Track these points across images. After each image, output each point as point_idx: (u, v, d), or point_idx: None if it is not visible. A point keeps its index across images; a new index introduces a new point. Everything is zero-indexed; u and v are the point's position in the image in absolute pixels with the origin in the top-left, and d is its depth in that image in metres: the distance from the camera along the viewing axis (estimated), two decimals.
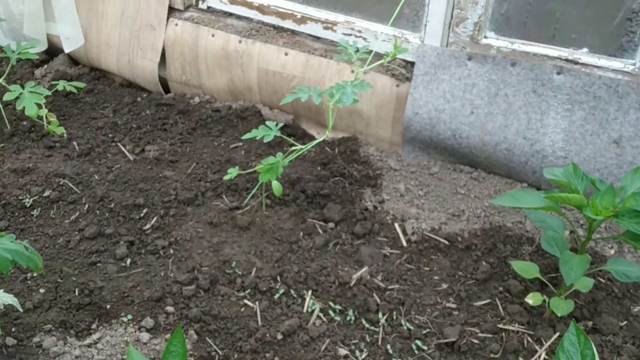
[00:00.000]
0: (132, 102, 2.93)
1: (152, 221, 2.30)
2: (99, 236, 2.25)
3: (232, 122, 2.78)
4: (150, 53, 2.88)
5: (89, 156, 2.61)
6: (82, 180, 2.47)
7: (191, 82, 2.88)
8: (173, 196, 2.40)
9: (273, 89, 2.70)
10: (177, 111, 2.85)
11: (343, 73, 2.55)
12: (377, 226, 2.29)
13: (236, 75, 2.75)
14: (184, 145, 2.68)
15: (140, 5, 2.84)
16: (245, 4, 2.69)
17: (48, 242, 2.23)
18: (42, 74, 3.08)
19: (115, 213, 2.33)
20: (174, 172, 2.53)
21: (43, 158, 2.59)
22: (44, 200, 2.37)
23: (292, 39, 2.66)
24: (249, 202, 2.38)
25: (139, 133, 2.73)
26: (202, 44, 2.76)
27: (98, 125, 2.77)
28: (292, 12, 2.61)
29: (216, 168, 2.54)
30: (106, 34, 2.96)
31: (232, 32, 2.71)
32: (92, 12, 2.96)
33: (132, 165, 2.55)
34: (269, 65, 2.65)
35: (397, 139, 2.58)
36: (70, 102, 2.92)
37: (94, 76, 3.11)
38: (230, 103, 2.85)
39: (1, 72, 3.04)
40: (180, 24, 2.80)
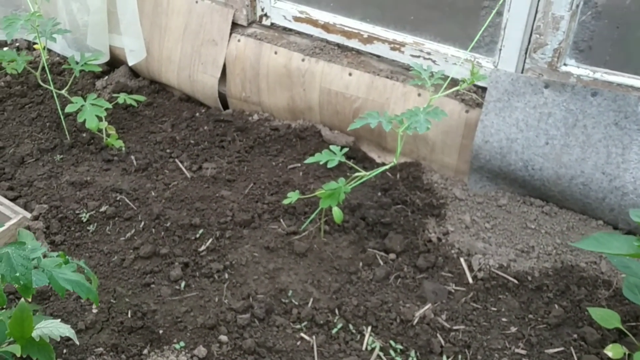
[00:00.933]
0: (191, 117, 2.89)
1: (207, 243, 2.24)
2: (154, 256, 2.20)
3: (290, 141, 2.71)
4: (211, 68, 2.83)
5: (147, 171, 2.58)
6: (139, 196, 2.43)
7: (251, 99, 2.83)
8: (229, 217, 2.33)
9: (334, 110, 2.62)
10: (235, 128, 2.79)
11: (409, 96, 2.44)
12: (441, 260, 2.17)
13: (297, 93, 2.68)
14: (242, 164, 2.61)
15: (203, 20, 2.80)
16: (310, 22, 2.62)
17: (103, 260, 2.19)
18: (102, 86, 3.08)
19: (170, 232, 2.28)
20: (230, 191, 2.47)
21: (101, 172, 2.57)
22: (100, 215, 2.34)
23: (357, 58, 2.57)
24: (306, 227, 2.29)
25: (196, 150, 2.68)
26: (264, 61, 2.70)
27: (156, 140, 2.74)
28: (358, 31, 2.53)
29: (274, 189, 2.47)
30: (168, 48, 2.93)
31: (295, 49, 2.64)
32: (155, 25, 2.94)
33: (189, 183, 2.50)
34: (332, 85, 2.57)
35: (463, 167, 2.46)
36: (130, 115, 2.90)
37: (154, 89, 3.09)
38: (290, 122, 2.78)
39: (64, 83, 3.05)
40: (242, 40, 2.75)
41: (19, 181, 2.50)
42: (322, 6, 2.60)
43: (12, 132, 2.76)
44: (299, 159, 2.63)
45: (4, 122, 2.82)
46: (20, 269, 1.15)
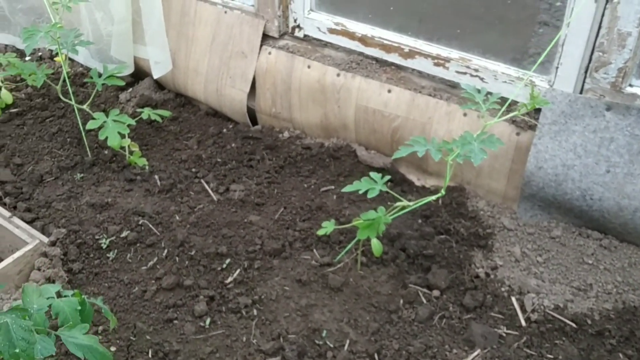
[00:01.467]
0: (218, 134, 2.73)
1: (234, 274, 2.07)
2: (177, 287, 2.04)
3: (323, 161, 2.53)
4: (240, 82, 2.67)
5: (171, 193, 2.42)
6: (162, 220, 2.28)
7: (281, 115, 2.66)
8: (258, 246, 2.16)
9: (371, 128, 2.44)
10: (265, 146, 2.63)
11: (453, 116, 2.25)
12: (490, 298, 1.98)
13: (331, 110, 2.51)
14: (271, 186, 2.45)
15: (232, 31, 2.64)
16: (347, 34, 2.44)
17: (123, 291, 2.04)
18: (126, 98, 2.94)
19: (195, 261, 2.12)
20: (259, 216, 2.30)
21: (123, 192, 2.42)
22: (121, 241, 2.19)
23: (397, 74, 2.39)
24: (342, 258, 2.12)
25: (223, 169, 2.52)
26: (297, 75, 2.53)
27: (181, 158, 2.58)
28: (398, 45, 2.34)
29: (306, 215, 2.30)
30: (195, 60, 2.78)
31: (330, 64, 2.47)
32: (181, 35, 2.79)
33: (216, 207, 2.34)
34: (369, 102, 2.39)
35: (512, 194, 2.26)
36: (154, 130, 2.75)
37: (179, 103, 2.94)
38: (323, 140, 2.61)
39: (87, 95, 2.92)
40: (274, 52, 2.58)
41: (37, 202, 2.36)
42: (359, 18, 2.42)
43: (31, 147, 2.63)
44: (333, 180, 2.46)
45: (23, 137, 2.69)
46: (20, 344, 0.99)
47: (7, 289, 2.03)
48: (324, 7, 2.49)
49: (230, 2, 2.65)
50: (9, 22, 3.26)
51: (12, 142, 2.65)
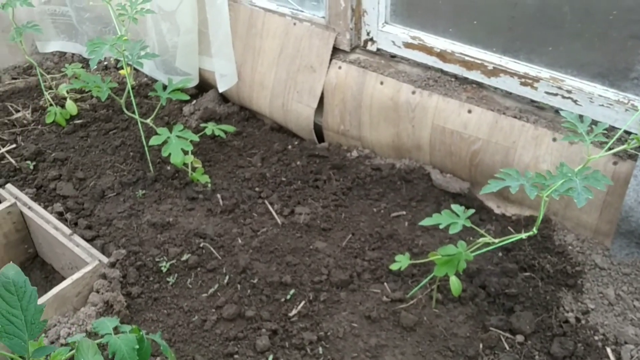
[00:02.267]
0: (282, 150, 2.61)
1: (299, 306, 1.94)
2: (239, 318, 1.92)
3: (394, 184, 2.37)
4: (307, 97, 2.54)
5: (233, 213, 2.31)
6: (224, 243, 2.17)
7: (350, 132, 2.52)
8: (325, 276, 2.02)
9: (448, 151, 2.26)
10: (332, 165, 2.49)
11: (541, 140, 2.05)
12: (582, 348, 1.77)
13: (404, 130, 2.34)
14: (338, 210, 2.30)
15: (301, 43, 2.52)
16: (424, 49, 2.28)
17: (182, 319, 1.94)
18: (190, 111, 2.86)
19: (258, 290, 2.00)
20: (326, 243, 2.16)
21: (184, 211, 2.33)
22: (182, 265, 2.10)
23: (478, 93, 2.20)
24: (415, 293, 1.95)
25: (288, 190, 2.39)
26: (368, 92, 2.38)
27: (245, 176, 2.47)
28: (481, 62, 2.16)
29: (375, 243, 2.15)
30: (261, 73, 2.67)
31: (405, 80, 2.31)
32: (248, 47, 2.69)
33: (280, 231, 2.22)
34: (447, 123, 2.22)
35: (605, 228, 2.04)
36: (217, 145, 2.66)
37: (243, 116, 2.84)
38: (394, 161, 2.44)
39: (150, 107, 2.86)
40: (344, 67, 2.44)
41: (98, 219, 2.29)
42: (438, 31, 2.25)
43: (94, 161, 2.57)
44: (404, 205, 2.30)
45: (86, 150, 2.64)
46: None
47: (65, 311, 1.96)
48: (399, 20, 2.33)
49: (300, 14, 2.53)
50: (77, 30, 3.25)
51: (75, 154, 2.60)
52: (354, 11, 2.36)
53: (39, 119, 2.82)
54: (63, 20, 3.25)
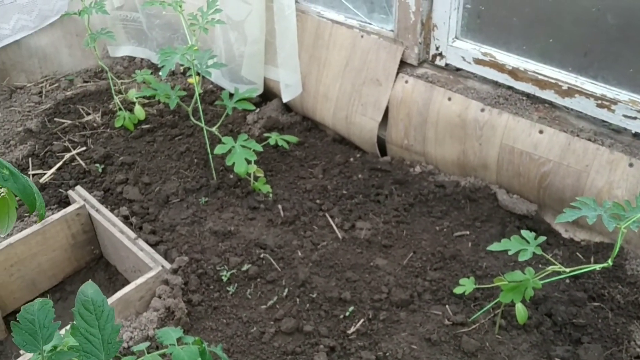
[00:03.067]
0: (344, 162, 2.59)
1: (358, 324, 1.92)
2: (297, 332, 1.92)
3: (458, 202, 2.32)
4: (372, 110, 2.52)
5: (294, 225, 2.31)
6: (284, 255, 2.17)
7: (413, 147, 2.48)
8: (385, 294, 2.00)
9: (516, 171, 2.20)
10: (394, 180, 2.46)
11: (617, 165, 1.97)
12: None
13: (471, 148, 2.29)
14: (400, 226, 2.27)
15: (367, 56, 2.50)
16: (495, 66, 2.22)
17: (241, 329, 1.94)
18: (253, 120, 2.88)
19: (316, 305, 1.99)
20: (386, 260, 2.13)
21: (245, 220, 2.34)
22: (242, 275, 2.11)
23: (551, 113, 2.13)
24: (477, 318, 1.90)
25: (349, 204, 2.38)
26: (435, 107, 2.34)
27: (306, 188, 2.47)
28: (555, 81, 2.09)
29: (437, 263, 2.10)
30: (325, 84, 2.67)
31: (474, 97, 2.26)
32: (314, 59, 2.69)
33: (340, 245, 2.20)
34: (516, 143, 2.16)
35: None
36: (279, 155, 2.67)
37: (306, 127, 2.84)
38: (458, 178, 2.39)
39: (215, 114, 2.89)
40: (411, 81, 2.41)
41: (162, 224, 2.33)
42: (511, 49, 2.19)
43: (160, 166, 2.62)
44: (468, 225, 2.25)
45: (153, 155, 2.70)
46: None
47: (127, 314, 2.00)
48: (470, 36, 2.28)
49: (368, 26, 2.51)
50: (146, 36, 3.32)
51: (141, 159, 2.66)
52: (423, 25, 2.33)
53: (108, 123, 2.90)
54: (133, 26, 3.34)
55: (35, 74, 3.24)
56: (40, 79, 3.24)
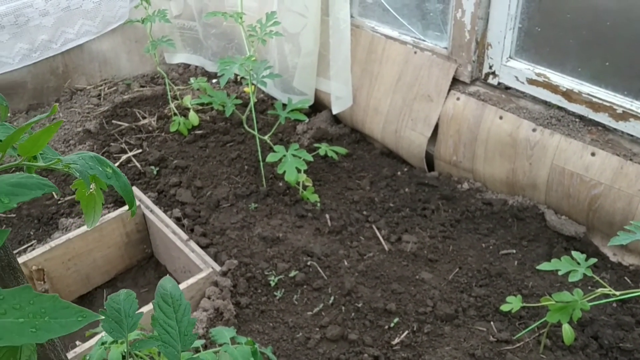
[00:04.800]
0: (391, 176, 2.63)
1: (402, 335, 1.95)
2: (341, 340, 1.96)
3: (505, 220, 2.33)
4: (422, 126, 2.56)
5: (341, 235, 2.36)
6: (331, 264, 2.22)
7: (462, 164, 2.50)
8: (430, 307, 2.02)
9: (566, 193, 2.20)
10: (441, 195, 2.48)
11: None
12: None
13: (520, 167, 2.30)
14: (446, 241, 2.29)
15: (420, 72, 2.54)
16: (549, 87, 2.23)
17: (287, 334, 1.99)
18: (303, 130, 2.94)
19: (361, 314, 2.02)
20: (432, 274, 2.16)
21: (293, 228, 2.40)
22: (289, 281, 2.16)
23: (604, 136, 2.13)
24: (522, 336, 1.91)
25: (396, 217, 2.41)
26: (485, 125, 2.36)
27: (353, 199, 2.51)
28: (610, 105, 2.09)
29: (483, 279, 2.12)
30: (376, 98, 2.71)
31: (526, 117, 2.27)
32: (366, 72, 2.74)
33: (386, 257, 2.23)
34: (567, 164, 2.16)
35: None
36: (327, 166, 2.72)
37: (354, 139, 2.89)
38: (506, 197, 2.41)
39: (266, 123, 2.97)
40: (462, 98, 2.43)
41: (213, 227, 2.40)
42: (565, 70, 2.20)
43: (211, 171, 2.70)
44: (514, 244, 2.25)
45: (205, 160, 2.78)
46: None
47: None
48: (525, 56, 2.30)
49: (422, 43, 2.55)
50: (202, 45, 3.43)
51: (194, 163, 2.74)
52: (478, 44, 2.36)
53: (163, 127, 2.99)
54: (190, 35, 3.44)
55: (95, 77, 3.37)
56: (100, 82, 3.37)
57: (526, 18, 2.23)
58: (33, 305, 0.50)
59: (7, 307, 0.49)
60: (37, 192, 0.62)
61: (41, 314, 0.50)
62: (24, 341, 0.48)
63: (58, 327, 0.50)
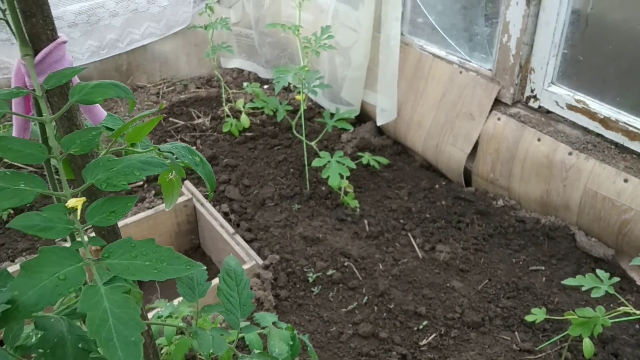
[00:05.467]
0: (429, 188, 2.75)
1: (430, 337, 2.06)
2: (372, 337, 2.08)
3: (537, 238, 2.43)
4: (462, 142, 2.68)
5: (377, 240, 2.49)
6: (366, 266, 2.35)
7: (498, 181, 2.61)
8: (458, 314, 2.14)
9: (597, 216, 2.29)
10: (476, 210, 2.59)
11: None
12: None
13: (555, 188, 2.40)
14: (478, 254, 2.40)
15: (464, 91, 2.66)
16: (587, 113, 2.33)
17: (321, 327, 2.13)
18: (347, 139, 3.08)
19: (393, 315, 2.15)
20: (462, 283, 2.27)
21: (333, 230, 2.54)
22: (326, 278, 2.30)
23: (638, 164, 2.22)
24: (544, 347, 2.01)
25: (431, 227, 2.53)
26: (523, 146, 2.47)
27: (391, 207, 2.65)
28: None
29: (511, 292, 2.22)
30: (420, 113, 2.84)
31: (563, 140, 2.37)
32: (411, 88, 2.87)
33: (420, 264, 2.36)
34: (600, 188, 2.25)
35: None
36: (369, 174, 2.86)
37: (396, 150, 3.02)
38: (539, 216, 2.50)
39: (312, 129, 3.12)
40: (503, 119, 2.55)
41: (258, 224, 2.56)
42: (604, 98, 2.30)
43: (258, 172, 2.87)
44: (544, 261, 2.35)
45: (253, 160, 2.95)
46: None
47: None
48: (566, 82, 2.40)
49: (467, 64, 2.68)
50: (256, 52, 3.61)
51: (243, 163, 2.91)
52: (521, 68, 2.47)
53: (216, 127, 3.18)
54: (246, 42, 3.63)
55: (155, 76, 3.59)
56: (159, 81, 3.58)
57: (569, 46, 2.34)
58: (155, 253, 0.66)
59: (137, 253, 0.65)
60: (159, 169, 0.77)
61: (161, 260, 0.65)
62: (149, 278, 0.63)
63: (172, 271, 0.65)
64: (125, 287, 0.63)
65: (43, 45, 0.75)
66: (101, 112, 0.93)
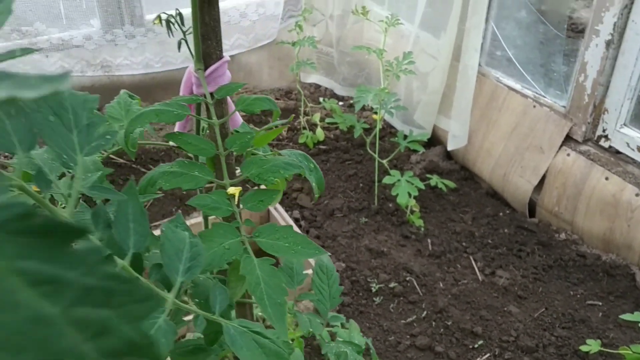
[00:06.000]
0: (493, 215, 2.85)
1: (484, 357, 2.16)
2: (428, 350, 2.20)
3: (596, 274, 2.49)
4: (530, 174, 2.76)
5: (439, 259, 2.60)
6: (427, 283, 2.46)
7: (562, 215, 2.68)
8: (513, 338, 2.22)
9: None
10: (537, 241, 2.67)
11: None
12: None
13: (618, 227, 2.46)
14: (536, 283, 2.48)
15: (536, 125, 2.75)
16: None
17: (380, 335, 2.25)
18: (416, 160, 3.21)
19: (449, 332, 2.25)
20: (519, 309, 2.35)
21: (397, 246, 2.67)
22: (388, 290, 2.42)
23: None
24: None
25: (493, 252, 2.63)
26: (591, 183, 2.54)
27: (455, 230, 2.75)
28: None
29: (566, 323, 2.29)
30: (490, 142, 2.95)
31: (631, 181, 2.43)
32: (484, 117, 2.98)
33: (479, 287, 2.45)
34: None
35: None
36: (435, 196, 2.97)
37: (463, 176, 3.12)
38: (600, 253, 2.56)
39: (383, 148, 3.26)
40: (572, 155, 2.62)
41: (326, 232, 2.72)
42: None
43: (330, 184, 3.03)
44: (602, 297, 2.41)
45: (325, 172, 3.11)
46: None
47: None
48: (638, 125, 2.47)
49: (542, 99, 2.77)
50: (334, 69, 3.79)
51: None
52: (595, 107, 2.55)
53: (292, 138, 3.36)
54: (326, 59, 3.82)
55: None
56: (242, 90, 3.79)
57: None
58: (293, 237, 0.81)
59: (279, 235, 0.81)
60: (296, 170, 0.93)
61: (297, 243, 0.80)
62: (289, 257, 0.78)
63: (305, 254, 0.80)
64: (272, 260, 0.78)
65: (212, 62, 0.93)
66: (239, 119, 1.10)
